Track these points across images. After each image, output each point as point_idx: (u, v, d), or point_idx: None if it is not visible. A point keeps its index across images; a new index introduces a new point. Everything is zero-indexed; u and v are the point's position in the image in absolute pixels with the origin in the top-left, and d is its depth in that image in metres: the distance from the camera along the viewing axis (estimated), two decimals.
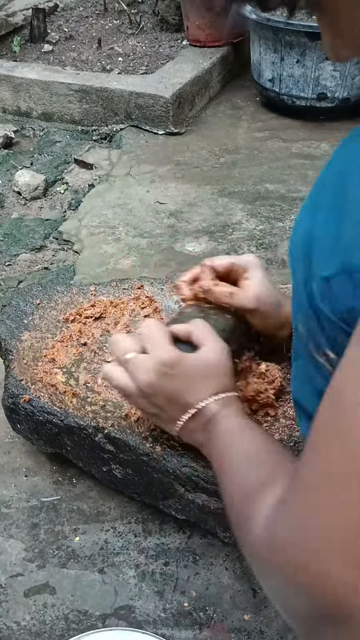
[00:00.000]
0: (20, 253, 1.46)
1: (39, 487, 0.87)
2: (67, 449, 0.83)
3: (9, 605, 0.74)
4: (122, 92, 1.98)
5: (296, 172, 1.73)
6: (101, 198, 1.65)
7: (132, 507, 0.84)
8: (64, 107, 2.07)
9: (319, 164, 1.77)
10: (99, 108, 2.03)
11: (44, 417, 0.80)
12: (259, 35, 2.00)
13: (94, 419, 0.78)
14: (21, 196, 1.69)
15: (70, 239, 1.49)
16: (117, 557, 0.79)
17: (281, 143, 1.90)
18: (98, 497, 0.86)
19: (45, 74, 2.11)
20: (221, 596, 0.74)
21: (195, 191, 1.66)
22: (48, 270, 1.40)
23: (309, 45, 1.87)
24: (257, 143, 1.91)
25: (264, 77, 2.06)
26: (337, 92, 1.96)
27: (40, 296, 1.00)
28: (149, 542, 0.80)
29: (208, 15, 2.20)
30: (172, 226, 1.51)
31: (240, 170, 1.76)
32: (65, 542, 0.81)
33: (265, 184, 1.68)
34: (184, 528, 0.81)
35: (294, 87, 1.98)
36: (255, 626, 0.71)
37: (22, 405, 0.82)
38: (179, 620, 0.72)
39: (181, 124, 2.00)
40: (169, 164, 1.80)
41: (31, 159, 1.91)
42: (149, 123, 1.99)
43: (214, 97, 2.23)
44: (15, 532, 0.82)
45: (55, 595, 0.75)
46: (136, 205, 1.61)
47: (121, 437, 0.76)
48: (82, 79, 2.06)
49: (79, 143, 1.99)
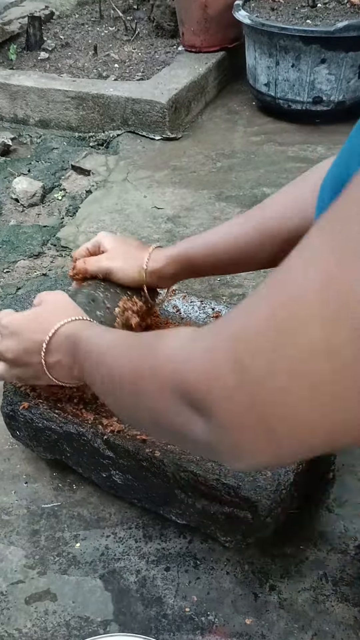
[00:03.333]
0: (18, 260, 1.46)
1: (39, 493, 0.87)
2: (66, 455, 0.83)
3: (10, 613, 0.74)
4: (119, 99, 1.98)
5: (293, 175, 1.73)
6: (98, 204, 1.66)
7: (132, 513, 0.84)
8: (61, 114, 2.08)
9: None
10: (95, 114, 2.04)
11: (43, 423, 0.81)
12: (253, 40, 2.01)
13: (93, 425, 0.78)
14: (19, 203, 1.69)
15: (68, 245, 1.50)
16: (117, 562, 0.79)
17: (277, 147, 1.91)
18: (98, 503, 0.86)
19: (42, 81, 2.12)
20: (222, 600, 0.74)
21: (192, 196, 1.66)
22: (46, 276, 1.40)
23: (303, 49, 1.88)
24: (254, 147, 1.91)
25: (259, 82, 2.07)
26: (332, 95, 1.96)
27: None
28: (149, 547, 0.80)
29: (203, 21, 2.21)
30: (170, 231, 1.52)
31: (237, 174, 1.77)
32: (66, 548, 0.81)
33: (262, 187, 1.68)
34: (184, 533, 0.81)
35: (289, 91, 1.99)
36: (257, 630, 0.71)
37: (21, 412, 0.82)
38: (181, 626, 0.72)
39: (177, 129, 2.01)
40: (165, 169, 1.81)
41: (28, 166, 1.91)
42: (145, 129, 2.00)
43: (210, 102, 2.24)
44: (15, 539, 0.82)
45: (56, 602, 0.75)
46: (133, 210, 1.61)
47: (120, 443, 0.76)
48: (78, 85, 2.07)
49: (76, 149, 2.00)
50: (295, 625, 0.71)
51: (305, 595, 0.74)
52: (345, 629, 0.71)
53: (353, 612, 0.72)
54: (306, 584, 0.75)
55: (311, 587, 0.75)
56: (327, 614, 0.72)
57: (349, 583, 0.75)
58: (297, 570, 0.77)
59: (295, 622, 0.72)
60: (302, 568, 0.77)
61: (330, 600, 0.73)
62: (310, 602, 0.73)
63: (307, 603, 0.73)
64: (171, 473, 0.72)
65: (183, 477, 0.72)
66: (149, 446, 0.75)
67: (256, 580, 0.76)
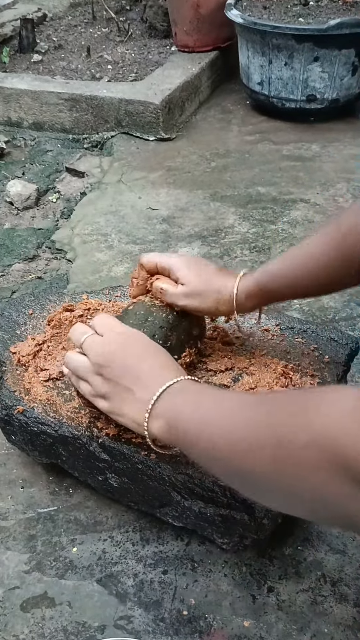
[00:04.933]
0: (13, 263, 1.46)
1: (36, 498, 0.87)
2: (62, 459, 0.82)
3: (7, 619, 0.74)
4: (112, 100, 1.98)
5: (287, 174, 1.73)
6: (93, 206, 1.65)
7: (129, 516, 0.83)
8: (55, 116, 2.08)
9: (310, 165, 1.77)
10: (89, 116, 2.03)
11: (38, 427, 0.80)
12: (246, 39, 2.01)
13: (88, 428, 0.78)
14: (13, 206, 1.69)
15: (63, 247, 1.49)
16: (115, 566, 0.78)
17: (272, 145, 1.90)
18: (95, 507, 0.85)
19: (35, 83, 2.11)
20: (220, 603, 0.74)
21: (187, 196, 1.66)
22: (41, 279, 1.40)
23: (296, 47, 1.87)
24: (248, 146, 1.91)
25: (252, 81, 2.07)
26: (326, 93, 1.96)
27: (33, 306, 1.00)
28: (146, 550, 0.80)
29: (195, 21, 2.20)
30: (165, 232, 1.51)
31: (232, 174, 1.76)
32: (63, 553, 0.80)
33: (256, 187, 1.68)
34: (181, 535, 0.81)
35: (283, 89, 1.99)
36: (256, 632, 0.71)
37: (16, 417, 0.81)
38: (179, 629, 0.71)
39: (172, 130, 2.01)
40: (160, 170, 1.80)
41: (23, 168, 1.91)
42: (139, 129, 1.99)
43: (203, 101, 2.24)
44: (12, 544, 0.82)
45: (53, 607, 0.75)
46: (128, 211, 1.61)
47: (116, 446, 0.75)
48: (71, 87, 2.06)
49: (70, 151, 1.99)
50: (294, 626, 0.71)
51: (303, 596, 0.74)
52: (344, 630, 0.70)
53: (352, 613, 0.72)
54: (304, 585, 0.75)
55: (309, 588, 0.75)
56: (325, 614, 0.72)
57: (347, 583, 0.75)
58: (295, 572, 0.76)
59: (294, 624, 0.71)
60: (300, 569, 0.76)
61: (329, 601, 0.73)
62: (308, 603, 0.73)
63: (306, 604, 0.73)
64: (167, 476, 0.72)
65: (179, 480, 0.71)
66: (145, 449, 0.74)
67: (254, 582, 0.76)
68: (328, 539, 0.79)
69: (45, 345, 0.90)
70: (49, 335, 0.92)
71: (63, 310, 0.94)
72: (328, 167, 1.75)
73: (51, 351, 0.90)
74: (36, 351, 0.89)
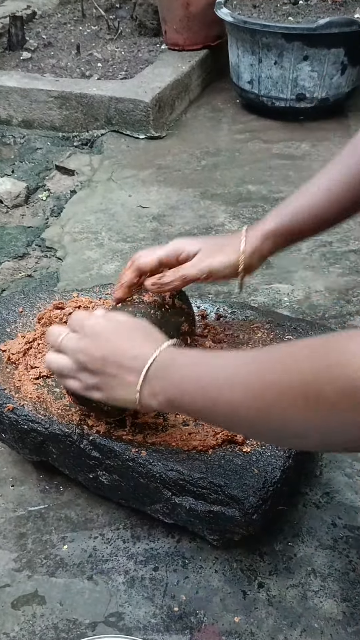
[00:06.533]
0: (3, 261, 1.45)
1: (26, 496, 0.87)
2: (52, 457, 0.82)
3: None
4: (102, 98, 1.98)
5: (277, 172, 1.74)
6: (83, 204, 1.65)
7: (120, 513, 0.83)
8: (44, 114, 2.07)
9: (300, 164, 1.78)
10: (79, 114, 2.03)
11: (28, 425, 0.80)
12: (236, 38, 2.01)
13: (79, 426, 0.78)
14: (3, 204, 1.68)
15: (53, 245, 1.49)
16: (106, 564, 0.78)
17: (262, 144, 1.91)
18: (86, 505, 0.85)
19: (25, 81, 2.10)
20: (211, 599, 0.74)
21: (177, 194, 1.66)
22: (31, 277, 1.39)
23: (286, 46, 1.88)
24: (238, 145, 1.91)
25: (242, 79, 2.07)
26: (315, 92, 1.97)
27: (23, 304, 0.99)
28: (137, 547, 0.80)
29: (185, 19, 2.20)
30: (155, 230, 1.51)
31: (222, 172, 1.76)
32: (54, 550, 0.80)
33: (247, 185, 1.68)
34: (172, 532, 0.81)
35: (272, 88, 1.99)
36: (246, 628, 0.71)
37: (6, 415, 0.81)
38: (170, 625, 0.72)
39: (162, 128, 2.00)
40: (150, 168, 1.80)
41: (12, 166, 1.90)
42: (129, 128, 1.99)
43: (193, 100, 2.24)
44: (2, 542, 0.81)
45: (44, 605, 0.74)
46: (118, 210, 1.61)
47: (106, 443, 0.75)
48: (61, 85, 2.06)
49: (60, 149, 1.99)
50: (284, 622, 0.71)
51: (293, 591, 0.74)
52: (333, 625, 0.71)
53: (341, 608, 0.72)
54: (294, 580, 0.75)
55: (299, 584, 0.75)
56: (315, 610, 0.72)
57: (337, 579, 0.75)
58: (285, 567, 0.77)
59: (284, 619, 0.71)
60: (291, 565, 0.77)
61: (319, 596, 0.74)
62: (298, 599, 0.73)
63: (296, 599, 0.73)
64: (158, 473, 0.72)
65: (170, 477, 0.72)
66: (135, 446, 0.74)
67: (245, 577, 0.76)
68: (318, 535, 0.80)
69: (35, 343, 0.90)
70: (39, 333, 0.91)
71: (53, 308, 0.94)
72: (318, 165, 1.76)
73: (41, 349, 0.89)
74: (26, 349, 0.89)
